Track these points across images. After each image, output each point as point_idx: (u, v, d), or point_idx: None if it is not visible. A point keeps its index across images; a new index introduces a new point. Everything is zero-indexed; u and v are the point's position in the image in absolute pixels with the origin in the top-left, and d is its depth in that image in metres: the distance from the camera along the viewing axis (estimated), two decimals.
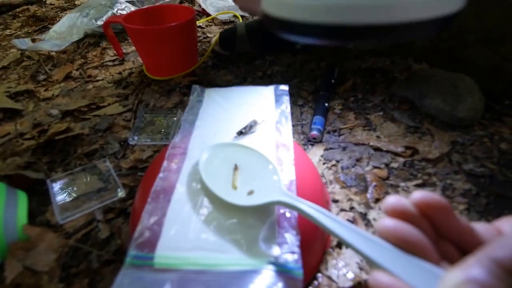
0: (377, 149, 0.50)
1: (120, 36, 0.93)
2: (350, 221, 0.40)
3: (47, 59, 0.85)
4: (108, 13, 0.94)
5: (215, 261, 0.27)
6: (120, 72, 0.76)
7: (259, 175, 0.32)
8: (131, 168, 0.49)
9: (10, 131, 0.59)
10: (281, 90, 0.48)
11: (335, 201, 0.43)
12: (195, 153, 0.37)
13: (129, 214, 0.42)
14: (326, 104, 0.58)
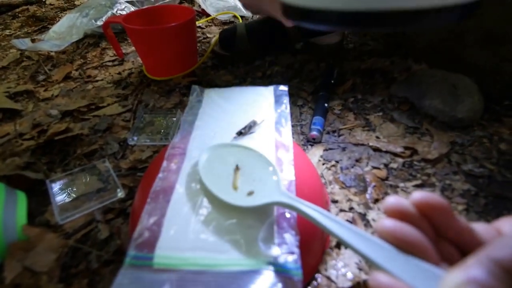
0: (376, 150, 0.50)
1: (119, 37, 0.93)
2: (350, 222, 0.40)
3: (47, 59, 0.85)
4: (107, 14, 0.94)
5: (214, 262, 0.27)
6: (119, 73, 0.76)
7: (259, 175, 0.32)
8: (131, 168, 0.49)
9: (10, 131, 0.59)
10: (281, 91, 0.48)
11: (335, 202, 0.43)
12: (195, 154, 0.37)
13: (128, 214, 0.42)
14: (325, 105, 0.58)
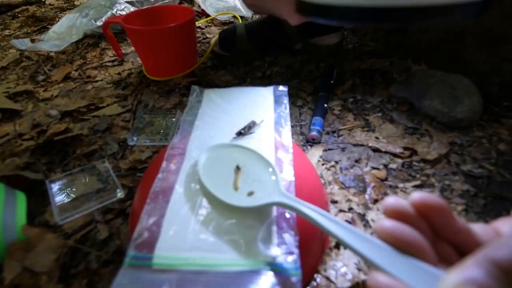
0: (375, 150, 0.50)
1: (119, 37, 0.93)
2: (349, 222, 0.40)
3: (46, 60, 0.85)
4: (107, 14, 0.94)
5: (213, 262, 0.27)
6: (119, 73, 0.76)
7: (258, 176, 0.32)
8: (130, 168, 0.49)
9: (9, 131, 0.59)
10: (280, 91, 0.48)
11: (334, 202, 0.43)
12: (194, 154, 0.37)
13: (128, 214, 0.42)
14: (325, 105, 0.58)
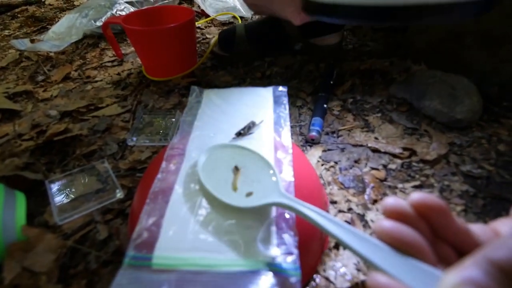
0: (375, 151, 0.50)
1: (119, 37, 0.93)
2: (348, 222, 0.40)
3: (46, 60, 0.85)
4: (107, 14, 0.94)
5: (213, 262, 0.27)
6: (119, 73, 0.76)
7: (258, 176, 0.32)
8: (130, 169, 0.49)
9: (9, 131, 0.59)
10: (280, 91, 0.48)
11: (333, 202, 0.43)
12: (194, 154, 0.37)
13: (127, 215, 0.42)
14: (324, 106, 0.58)
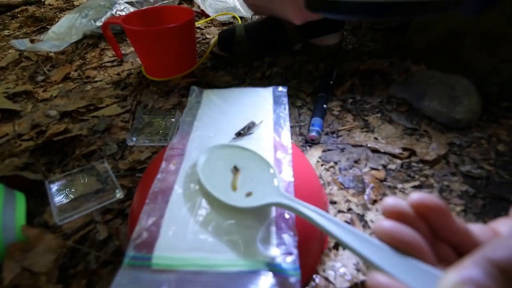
0: (374, 151, 0.50)
1: (119, 37, 0.93)
2: (348, 223, 0.40)
3: (46, 60, 0.85)
4: (107, 14, 0.94)
5: (212, 262, 0.27)
6: (118, 73, 0.76)
7: (257, 176, 0.32)
8: (129, 169, 0.49)
9: (8, 132, 0.59)
10: (280, 92, 0.48)
11: (333, 203, 0.43)
12: (193, 154, 0.37)
13: (127, 215, 0.42)
14: (324, 106, 0.58)
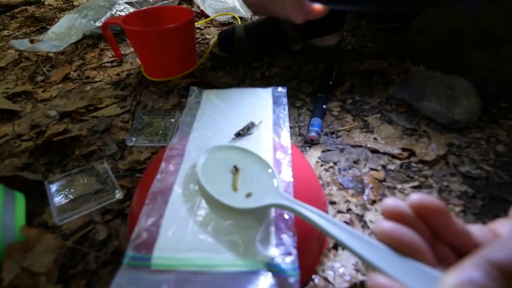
0: (374, 151, 0.50)
1: (118, 38, 0.93)
2: (347, 223, 0.40)
3: (45, 60, 0.85)
4: (106, 14, 0.94)
5: (212, 262, 0.27)
6: (118, 74, 0.76)
7: (257, 177, 0.32)
8: (129, 169, 0.49)
9: (8, 132, 0.58)
10: (279, 92, 0.48)
11: (332, 203, 0.43)
12: (193, 155, 0.37)
13: (126, 215, 0.42)
14: (324, 106, 0.58)
